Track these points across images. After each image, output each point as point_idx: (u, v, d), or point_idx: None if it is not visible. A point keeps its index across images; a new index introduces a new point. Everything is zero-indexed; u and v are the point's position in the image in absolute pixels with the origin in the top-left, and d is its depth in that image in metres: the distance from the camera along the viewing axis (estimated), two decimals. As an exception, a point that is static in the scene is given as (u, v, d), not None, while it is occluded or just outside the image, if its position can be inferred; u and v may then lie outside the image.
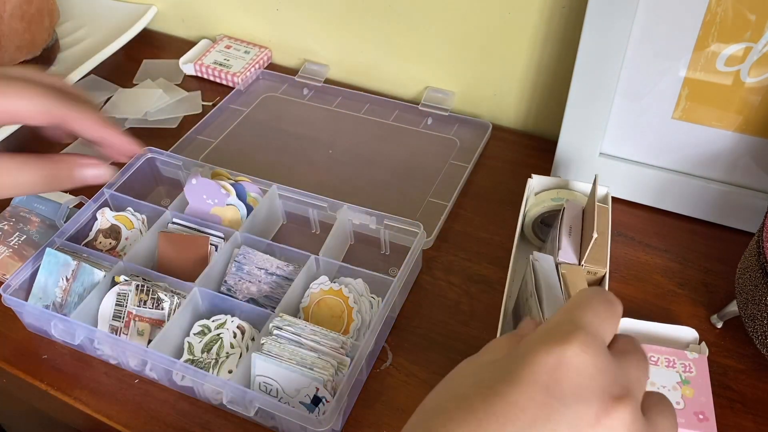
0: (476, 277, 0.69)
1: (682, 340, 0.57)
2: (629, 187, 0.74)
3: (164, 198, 0.78)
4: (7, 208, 0.73)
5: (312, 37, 0.94)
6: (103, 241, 0.70)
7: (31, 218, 0.72)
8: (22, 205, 0.74)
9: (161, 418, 0.59)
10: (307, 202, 0.71)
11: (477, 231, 0.74)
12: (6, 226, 0.71)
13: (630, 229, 0.73)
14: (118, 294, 0.61)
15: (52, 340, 0.65)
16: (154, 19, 1.04)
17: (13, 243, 0.70)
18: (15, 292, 0.63)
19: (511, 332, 0.35)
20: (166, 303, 0.61)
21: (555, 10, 0.76)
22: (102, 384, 0.62)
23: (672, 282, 0.68)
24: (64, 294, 0.64)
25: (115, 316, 0.61)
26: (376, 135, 0.86)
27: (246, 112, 0.90)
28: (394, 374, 0.61)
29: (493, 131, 0.85)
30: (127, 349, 0.59)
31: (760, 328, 0.55)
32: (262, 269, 0.65)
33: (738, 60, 0.63)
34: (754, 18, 0.61)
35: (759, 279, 0.55)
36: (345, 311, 0.61)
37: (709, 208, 0.72)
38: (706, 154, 0.69)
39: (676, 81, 0.66)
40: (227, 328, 0.60)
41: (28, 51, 0.90)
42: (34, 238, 0.71)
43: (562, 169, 0.75)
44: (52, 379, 0.62)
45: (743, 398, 0.59)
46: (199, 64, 0.95)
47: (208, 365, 0.59)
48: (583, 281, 0.57)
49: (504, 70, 0.84)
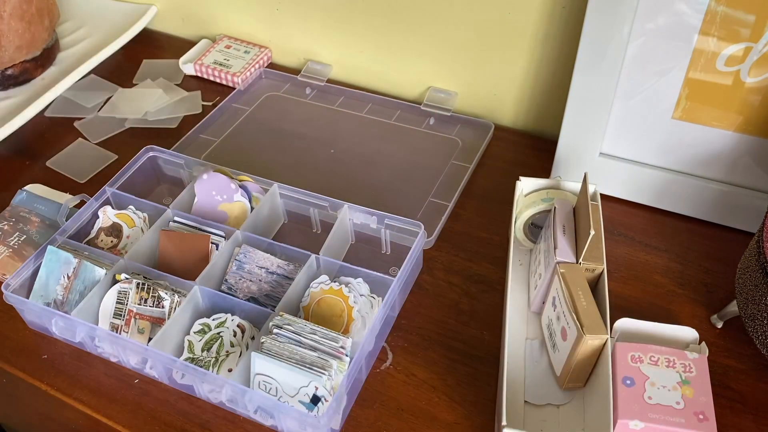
0: (476, 277, 0.69)
1: (682, 340, 0.57)
2: (629, 187, 0.74)
3: (166, 196, 0.78)
4: (7, 208, 0.73)
5: (312, 36, 0.94)
6: (105, 239, 0.70)
7: (31, 218, 0.72)
8: (22, 205, 0.74)
9: (161, 417, 0.59)
10: (308, 202, 0.71)
11: (477, 231, 0.74)
12: (6, 226, 0.71)
13: (630, 229, 0.73)
14: (118, 292, 0.61)
15: (52, 340, 0.65)
16: (154, 19, 1.04)
17: (13, 243, 0.70)
18: (16, 289, 0.63)
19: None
20: (166, 301, 0.61)
21: (555, 10, 0.76)
22: (102, 384, 0.62)
23: (672, 282, 0.68)
24: (66, 292, 0.64)
25: (115, 314, 0.61)
26: (377, 135, 0.86)
27: (248, 112, 0.90)
28: (394, 374, 0.61)
29: (494, 131, 0.85)
30: (128, 346, 0.60)
31: (760, 328, 0.55)
32: (262, 268, 0.65)
33: (738, 60, 0.63)
34: (754, 18, 0.61)
35: (759, 279, 0.55)
36: (345, 311, 0.61)
37: (709, 208, 0.72)
38: (706, 154, 0.70)
39: (676, 81, 0.67)
40: (227, 326, 0.60)
41: (28, 51, 0.90)
42: (34, 237, 0.71)
43: (562, 169, 0.75)
44: (52, 379, 0.62)
45: (743, 398, 0.59)
46: (199, 64, 0.95)
47: (208, 364, 0.59)
48: (582, 279, 0.57)
49: (504, 70, 0.84)
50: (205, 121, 0.86)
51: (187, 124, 0.87)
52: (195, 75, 0.96)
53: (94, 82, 0.95)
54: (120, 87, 0.94)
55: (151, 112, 0.89)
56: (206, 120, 0.87)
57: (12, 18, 0.87)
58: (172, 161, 0.76)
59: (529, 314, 0.64)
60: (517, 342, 0.62)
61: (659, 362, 0.54)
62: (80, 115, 0.90)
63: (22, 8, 0.87)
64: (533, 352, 0.61)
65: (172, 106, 0.90)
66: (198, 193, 0.70)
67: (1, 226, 0.71)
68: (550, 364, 0.59)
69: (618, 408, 0.51)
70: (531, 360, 0.61)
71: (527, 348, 0.62)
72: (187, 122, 0.88)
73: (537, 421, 0.56)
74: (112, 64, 0.97)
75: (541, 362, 0.60)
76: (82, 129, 0.88)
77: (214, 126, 0.87)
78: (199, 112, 0.90)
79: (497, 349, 0.63)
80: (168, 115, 0.89)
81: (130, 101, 0.91)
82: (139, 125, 0.88)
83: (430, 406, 0.59)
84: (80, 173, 0.82)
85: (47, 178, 0.80)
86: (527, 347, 0.62)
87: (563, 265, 0.58)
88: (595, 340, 0.53)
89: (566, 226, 0.61)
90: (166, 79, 0.95)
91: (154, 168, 0.77)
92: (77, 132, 0.88)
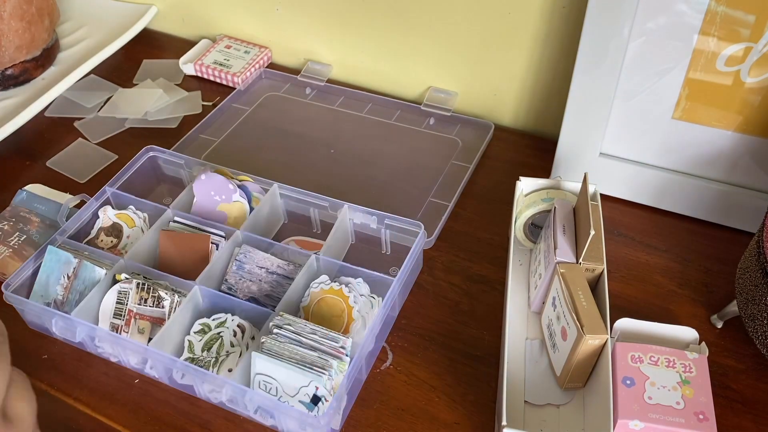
0: (476, 277, 0.69)
1: (682, 340, 0.57)
2: (629, 187, 0.74)
3: (166, 196, 0.78)
4: (7, 208, 0.73)
5: (312, 36, 0.94)
6: (105, 239, 0.70)
7: (31, 218, 0.72)
8: (22, 205, 0.74)
9: (161, 418, 0.59)
10: (308, 202, 0.71)
11: (477, 231, 0.74)
12: (6, 226, 0.71)
13: (630, 229, 0.73)
14: (118, 292, 0.61)
15: (51, 340, 0.65)
16: (154, 19, 1.04)
17: (13, 243, 0.70)
18: (17, 289, 0.63)
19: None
20: (166, 301, 0.61)
21: (555, 10, 0.76)
22: (102, 384, 0.62)
23: (672, 282, 0.68)
24: (66, 292, 0.64)
25: (115, 314, 0.61)
26: (377, 135, 0.86)
27: (248, 112, 0.90)
28: (394, 374, 0.61)
29: (494, 131, 0.85)
30: (128, 347, 0.59)
31: (760, 328, 0.55)
32: (262, 268, 0.65)
33: (738, 60, 0.63)
34: (754, 18, 0.61)
35: (759, 279, 0.55)
36: (345, 311, 0.61)
37: (709, 208, 0.72)
38: (706, 154, 0.70)
39: (676, 81, 0.67)
40: (227, 326, 0.60)
41: (28, 51, 0.90)
42: (34, 238, 0.71)
43: (562, 169, 0.75)
44: (53, 379, 0.62)
45: (743, 398, 0.59)
46: (199, 64, 0.95)
47: (208, 364, 0.59)
48: (582, 279, 0.57)
49: (504, 70, 0.84)
50: (205, 121, 0.86)
51: (187, 124, 0.87)
52: (195, 75, 0.96)
53: (94, 82, 0.95)
54: (120, 87, 0.94)
55: (151, 112, 0.89)
56: (206, 120, 0.87)
57: (12, 18, 0.87)
58: (172, 161, 0.76)
59: (529, 314, 0.64)
60: (517, 342, 0.62)
61: (659, 362, 0.54)
62: (80, 115, 0.90)
63: (22, 8, 0.87)
64: (533, 352, 0.61)
65: (172, 106, 0.90)
66: (197, 194, 0.70)
67: (1, 226, 0.71)
68: (550, 364, 0.59)
69: (618, 408, 0.51)
70: (531, 360, 0.61)
71: (527, 348, 0.62)
72: (187, 122, 0.88)
73: (537, 421, 0.56)
74: (112, 64, 0.97)
75: (541, 362, 0.60)
76: (82, 129, 0.88)
77: (214, 126, 0.87)
78: (199, 112, 0.90)
79: (497, 349, 0.63)
80: (168, 115, 0.89)
81: (130, 101, 0.91)
82: (139, 125, 0.88)
83: (430, 406, 0.59)
84: (80, 173, 0.82)
85: (47, 178, 0.80)
86: (527, 347, 0.62)
87: (563, 264, 0.58)
88: (595, 340, 0.53)
89: (566, 226, 0.61)
90: (166, 79, 0.95)
91: (154, 168, 0.77)
92: (77, 132, 0.88)
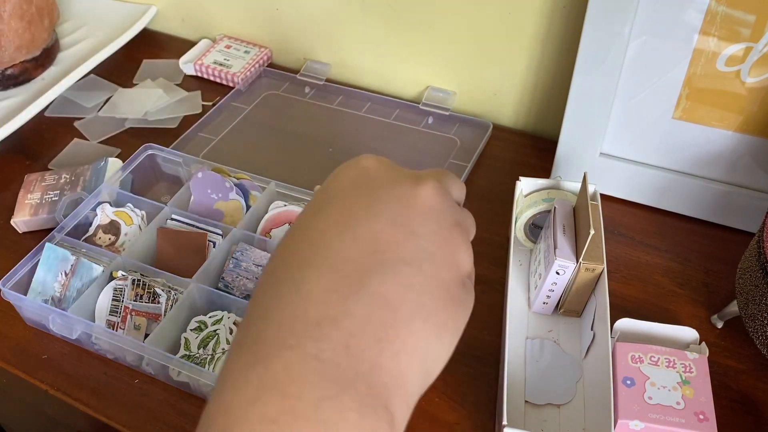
0: (476, 277, 0.68)
1: (683, 340, 0.56)
2: (629, 187, 0.74)
3: (164, 194, 0.77)
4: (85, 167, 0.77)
5: (312, 36, 0.94)
6: (103, 236, 0.70)
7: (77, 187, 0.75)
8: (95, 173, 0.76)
9: (161, 417, 0.59)
10: (306, 201, 0.71)
11: (477, 231, 0.72)
12: (63, 180, 0.75)
13: (630, 229, 0.73)
14: (114, 289, 0.61)
15: (51, 340, 0.65)
16: (154, 19, 1.04)
17: (47, 199, 0.73)
18: (14, 286, 0.63)
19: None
20: (162, 298, 0.60)
21: (555, 10, 0.76)
22: (102, 384, 0.61)
23: (672, 282, 0.68)
24: (63, 289, 0.64)
25: (111, 311, 0.61)
26: (376, 134, 0.86)
27: (247, 110, 0.90)
28: (393, 373, 0.61)
29: (493, 131, 0.85)
30: (124, 344, 0.59)
31: (761, 328, 0.55)
32: (259, 266, 0.65)
33: (738, 60, 0.63)
34: (755, 18, 0.61)
35: (759, 279, 0.54)
36: (344, 309, 0.60)
37: (709, 208, 0.72)
38: (706, 154, 0.69)
39: (676, 81, 0.66)
40: (224, 324, 0.60)
41: (28, 51, 0.90)
42: (58, 206, 0.73)
43: (562, 169, 0.75)
44: (52, 379, 0.62)
45: (743, 398, 0.58)
46: (199, 64, 0.95)
47: (204, 361, 0.59)
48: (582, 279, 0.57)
49: (504, 70, 0.84)
50: (204, 120, 0.86)
51: (187, 124, 0.87)
52: (195, 75, 0.96)
53: (94, 82, 0.95)
54: (120, 87, 0.93)
55: (151, 112, 0.89)
56: (205, 118, 0.87)
57: (12, 18, 0.87)
58: (170, 159, 0.76)
59: (529, 314, 0.64)
60: (517, 342, 0.62)
61: (659, 362, 0.54)
62: (80, 114, 0.90)
63: (22, 8, 0.87)
64: (533, 351, 0.61)
65: (172, 106, 0.90)
66: (193, 192, 0.70)
67: (64, 176, 0.75)
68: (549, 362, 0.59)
69: (618, 408, 0.51)
70: (531, 360, 0.60)
71: (527, 348, 0.61)
72: (187, 122, 0.88)
73: (537, 421, 0.56)
74: (112, 64, 0.97)
75: (542, 362, 0.60)
76: (82, 129, 0.88)
77: (213, 124, 0.87)
78: (199, 112, 0.90)
79: (497, 349, 0.63)
80: (168, 115, 0.89)
81: (130, 101, 0.91)
82: (139, 125, 0.88)
83: (430, 406, 0.58)
84: (79, 172, 0.82)
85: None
86: (527, 347, 0.61)
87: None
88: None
89: (566, 226, 0.61)
90: (166, 79, 0.95)
91: (152, 166, 0.77)
92: (77, 132, 0.88)
